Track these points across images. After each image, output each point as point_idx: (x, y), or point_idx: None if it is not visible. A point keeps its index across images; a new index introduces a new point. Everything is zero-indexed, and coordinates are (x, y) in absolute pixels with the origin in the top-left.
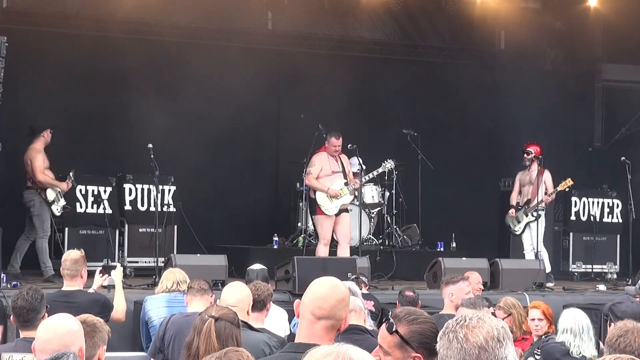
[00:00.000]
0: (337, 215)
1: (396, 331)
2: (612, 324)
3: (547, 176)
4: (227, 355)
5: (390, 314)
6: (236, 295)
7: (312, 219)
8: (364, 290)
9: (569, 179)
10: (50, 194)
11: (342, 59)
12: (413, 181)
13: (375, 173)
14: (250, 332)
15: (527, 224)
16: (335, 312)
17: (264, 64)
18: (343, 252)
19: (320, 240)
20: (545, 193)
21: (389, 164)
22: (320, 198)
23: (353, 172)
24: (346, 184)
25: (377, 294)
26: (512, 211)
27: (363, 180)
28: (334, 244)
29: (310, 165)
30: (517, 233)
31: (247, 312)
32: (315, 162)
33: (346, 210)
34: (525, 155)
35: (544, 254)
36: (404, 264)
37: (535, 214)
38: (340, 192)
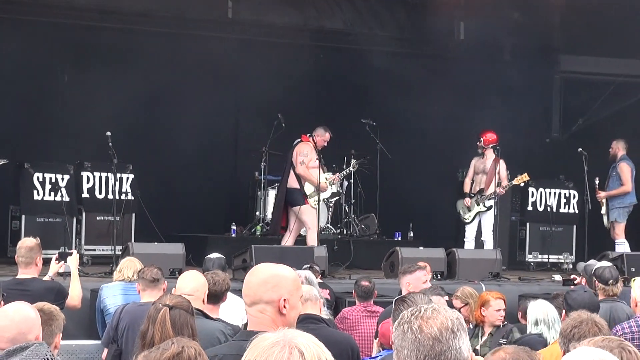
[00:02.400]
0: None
1: None
2: (564, 311)
3: (502, 166)
4: (181, 341)
5: None
6: (192, 284)
7: (294, 210)
8: (318, 279)
9: (526, 174)
10: None
11: (301, 48)
12: (371, 171)
13: (345, 172)
14: (206, 321)
15: (477, 213)
16: (260, 295)
17: (223, 53)
18: (290, 243)
19: (312, 229)
20: (499, 184)
21: (353, 161)
22: (309, 189)
23: None
24: (326, 178)
25: (334, 283)
26: (467, 200)
27: (340, 175)
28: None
29: (303, 154)
30: (467, 221)
31: (203, 301)
32: (307, 153)
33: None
34: (477, 142)
35: (490, 244)
36: (362, 253)
37: (487, 203)
38: (327, 186)
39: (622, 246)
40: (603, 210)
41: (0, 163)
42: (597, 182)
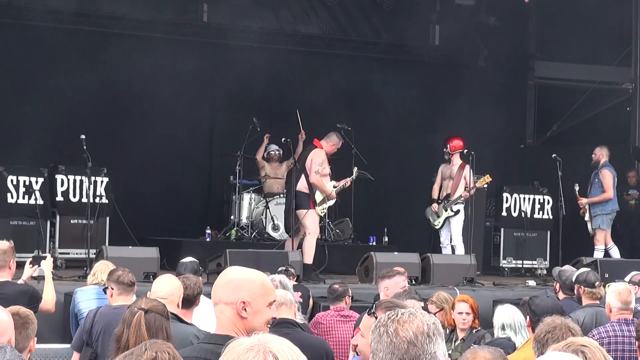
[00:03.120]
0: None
1: (373, 314)
2: (528, 317)
3: (467, 171)
4: (154, 345)
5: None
6: (167, 287)
7: (300, 213)
8: (293, 282)
9: (488, 175)
10: None
11: (277, 52)
12: (346, 175)
13: (349, 180)
14: (180, 325)
15: (447, 218)
16: (220, 296)
17: (198, 56)
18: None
19: (312, 234)
20: (465, 188)
21: (355, 170)
22: (319, 197)
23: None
24: (334, 186)
25: (308, 288)
26: (434, 205)
27: (345, 183)
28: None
29: (319, 163)
30: (437, 227)
31: (178, 305)
32: (322, 162)
33: None
34: (444, 149)
35: (461, 249)
36: (336, 257)
37: (454, 208)
38: (335, 195)
39: (601, 252)
40: (587, 217)
41: None
42: (577, 188)
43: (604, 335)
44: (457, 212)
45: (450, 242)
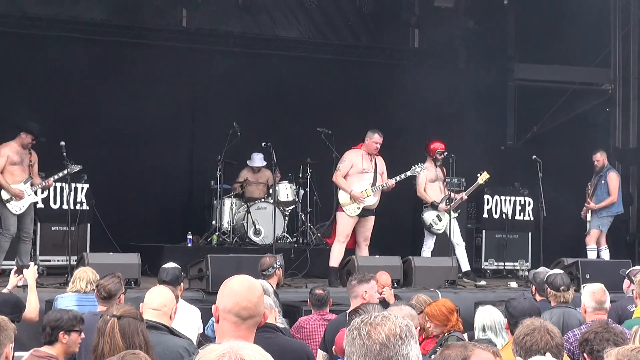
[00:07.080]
0: (362, 216)
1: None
2: (507, 320)
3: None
4: (126, 355)
5: None
6: (159, 299)
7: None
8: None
9: (485, 172)
10: (5, 194)
11: (257, 57)
12: (327, 179)
13: (403, 176)
14: (171, 337)
15: (449, 220)
16: (259, 310)
17: (178, 62)
18: (362, 253)
19: (336, 236)
20: (460, 190)
21: (419, 168)
22: (342, 197)
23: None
24: (373, 185)
25: (290, 292)
26: (442, 206)
27: (393, 181)
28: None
29: (341, 161)
30: (440, 231)
31: (170, 317)
32: (345, 159)
33: (372, 213)
34: (438, 155)
35: (463, 248)
36: (318, 261)
37: (457, 210)
38: (362, 195)
39: (594, 252)
40: (589, 218)
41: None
42: (590, 189)
43: (579, 337)
44: (459, 212)
45: (453, 243)
